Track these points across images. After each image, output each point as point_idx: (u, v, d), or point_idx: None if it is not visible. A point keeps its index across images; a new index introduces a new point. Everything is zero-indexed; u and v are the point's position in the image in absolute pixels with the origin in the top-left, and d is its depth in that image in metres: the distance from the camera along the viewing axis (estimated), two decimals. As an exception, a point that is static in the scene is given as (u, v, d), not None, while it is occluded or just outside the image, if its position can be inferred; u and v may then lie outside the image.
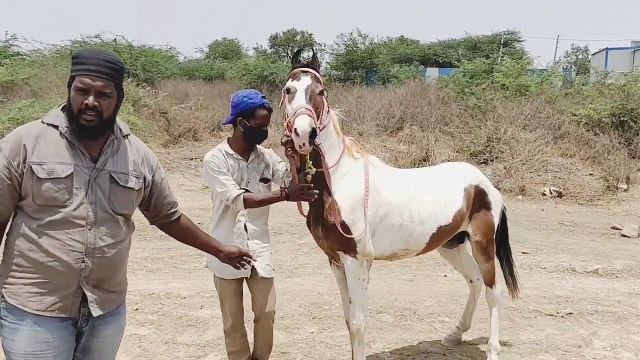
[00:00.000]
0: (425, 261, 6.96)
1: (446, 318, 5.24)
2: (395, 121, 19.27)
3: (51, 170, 2.25)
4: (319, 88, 3.37)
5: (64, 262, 2.27)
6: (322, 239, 3.62)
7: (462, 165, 4.53)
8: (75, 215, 2.28)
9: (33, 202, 2.25)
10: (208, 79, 32.58)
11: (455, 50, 39.16)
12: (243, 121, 3.57)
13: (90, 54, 2.34)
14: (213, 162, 3.52)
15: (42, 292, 2.28)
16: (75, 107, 2.29)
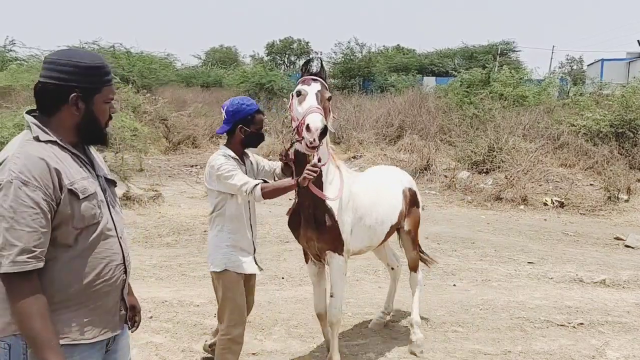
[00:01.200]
0: (433, 270, 6.97)
1: (459, 328, 5.25)
2: (394, 130, 19.37)
3: (84, 187, 2.11)
4: (328, 94, 3.61)
5: (113, 277, 2.21)
6: (313, 240, 3.87)
7: (396, 170, 5.10)
8: (108, 227, 2.21)
9: (72, 228, 2.08)
10: (205, 86, 32.65)
11: (451, 59, 39.41)
12: (243, 128, 3.68)
13: (102, 63, 2.18)
14: (228, 163, 3.57)
15: (93, 319, 2.16)
16: (104, 119, 2.22)
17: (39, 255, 1.98)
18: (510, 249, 8.20)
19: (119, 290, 2.27)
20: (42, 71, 2.12)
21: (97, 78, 2.16)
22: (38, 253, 1.98)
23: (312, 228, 3.83)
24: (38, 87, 2.12)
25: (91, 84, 2.14)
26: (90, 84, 2.14)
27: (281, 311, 5.43)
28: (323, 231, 3.80)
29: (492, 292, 6.25)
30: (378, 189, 4.35)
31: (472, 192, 11.95)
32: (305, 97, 3.49)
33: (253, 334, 4.93)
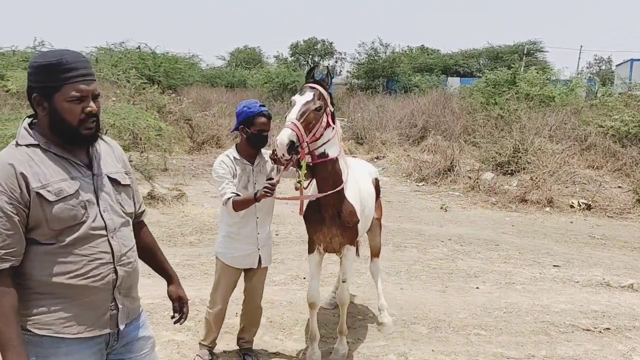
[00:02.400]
0: (456, 272, 6.92)
1: (482, 331, 5.18)
2: (417, 130, 19.25)
3: (59, 190, 2.10)
4: (317, 105, 3.64)
5: (97, 276, 2.18)
6: (337, 236, 4.09)
7: (363, 162, 5.34)
8: (95, 227, 2.18)
9: (49, 230, 2.10)
10: (230, 86, 32.85)
11: (476, 60, 39.11)
12: (245, 129, 3.95)
13: (73, 57, 2.13)
14: (220, 169, 3.92)
15: (77, 314, 2.17)
16: (73, 119, 2.13)
17: (3, 257, 2.04)
18: (535, 251, 8.08)
19: (109, 289, 2.24)
20: None
21: (53, 76, 2.09)
22: (2, 254, 2.03)
23: (337, 225, 4.03)
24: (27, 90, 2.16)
25: (48, 82, 2.09)
26: (47, 83, 2.10)
27: (302, 311, 5.41)
28: (348, 228, 4.06)
29: (516, 295, 6.16)
30: (364, 180, 4.58)
31: (496, 194, 11.81)
32: (292, 108, 3.66)
33: (274, 333, 4.94)
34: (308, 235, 4.30)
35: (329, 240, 4.16)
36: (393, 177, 14.43)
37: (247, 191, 3.95)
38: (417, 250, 7.83)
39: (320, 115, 3.69)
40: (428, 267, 7.11)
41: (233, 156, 4.00)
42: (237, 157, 4.00)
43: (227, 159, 3.98)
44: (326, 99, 3.74)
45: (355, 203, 4.08)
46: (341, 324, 4.54)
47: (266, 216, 4.14)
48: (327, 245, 4.22)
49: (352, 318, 5.35)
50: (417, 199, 11.95)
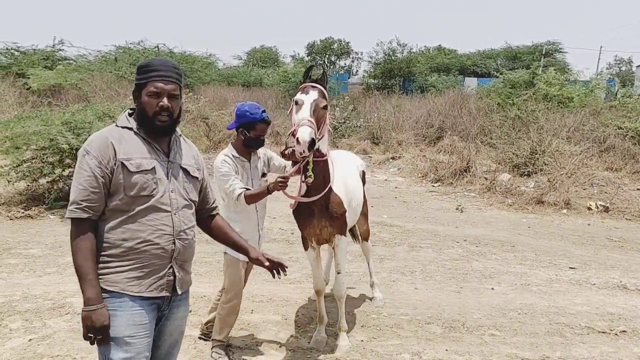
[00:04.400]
0: (471, 273, 6.91)
1: (496, 331, 5.18)
2: (434, 131, 19.18)
3: (139, 164, 2.52)
4: (323, 103, 3.84)
5: (159, 244, 2.55)
6: (326, 227, 4.27)
7: (350, 154, 5.59)
8: (162, 202, 2.56)
9: (124, 195, 2.49)
10: (246, 85, 32.95)
11: (494, 60, 38.83)
12: (244, 131, 4.12)
13: (159, 62, 2.61)
14: (224, 167, 4.06)
15: (140, 276, 2.53)
16: (150, 110, 2.57)
17: (84, 208, 2.46)
18: (551, 253, 8.04)
19: (168, 257, 2.59)
20: None
21: (143, 75, 2.58)
22: (84, 206, 2.45)
23: (326, 216, 4.22)
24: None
25: (139, 80, 2.59)
26: (139, 80, 2.59)
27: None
28: (335, 218, 4.25)
29: (532, 297, 6.14)
30: (350, 174, 4.75)
31: (512, 195, 11.75)
32: (301, 106, 3.79)
33: (289, 331, 4.98)
34: (300, 231, 4.49)
35: (318, 232, 4.35)
36: (409, 178, 14.43)
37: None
38: (433, 251, 7.83)
39: (325, 112, 3.89)
40: (443, 267, 7.11)
41: (232, 155, 4.16)
42: (237, 156, 4.17)
43: (228, 158, 4.13)
44: (327, 97, 3.92)
45: (341, 194, 4.27)
46: (340, 319, 4.71)
47: (264, 210, 4.37)
48: (318, 237, 4.42)
49: (367, 317, 5.37)
50: (433, 199, 11.93)
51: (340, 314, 4.73)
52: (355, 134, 20.17)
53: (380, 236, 8.47)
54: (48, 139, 9.09)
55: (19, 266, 6.42)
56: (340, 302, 4.71)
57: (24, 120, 9.90)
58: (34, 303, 5.31)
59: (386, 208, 10.81)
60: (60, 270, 6.32)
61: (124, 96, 17.02)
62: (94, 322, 2.43)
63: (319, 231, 4.35)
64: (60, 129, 9.20)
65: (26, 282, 5.90)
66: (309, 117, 3.68)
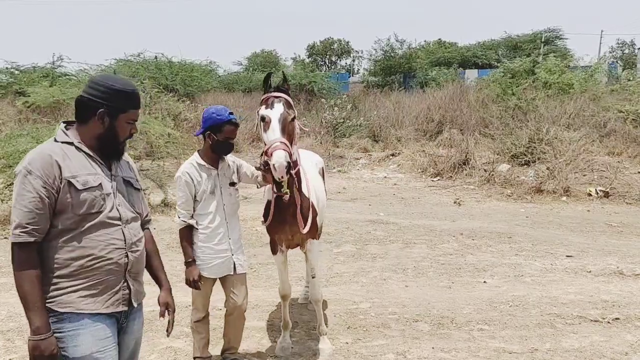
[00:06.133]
0: (464, 267, 6.81)
1: (485, 326, 5.08)
2: (434, 125, 19.04)
3: (85, 181, 2.46)
4: (291, 115, 3.66)
5: (112, 259, 2.51)
6: (298, 232, 4.10)
7: (309, 153, 5.28)
8: (111, 217, 2.52)
9: (73, 214, 2.42)
10: (247, 91, 32.97)
11: (495, 51, 38.57)
12: (212, 135, 3.89)
13: (133, 90, 2.58)
14: (181, 180, 3.91)
15: (94, 293, 2.48)
16: (123, 135, 2.60)
17: (31, 231, 2.37)
18: (548, 242, 7.91)
19: (122, 271, 2.56)
20: (84, 87, 2.55)
21: (125, 101, 2.55)
22: (30, 229, 2.36)
23: (298, 222, 4.03)
24: (77, 99, 2.54)
25: (118, 104, 2.53)
26: (117, 105, 2.53)
27: (303, 313, 5.38)
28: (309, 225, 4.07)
29: (524, 288, 6.03)
30: (314, 174, 4.62)
31: (511, 185, 11.62)
32: (269, 124, 3.60)
33: (273, 336, 4.91)
34: (269, 236, 4.36)
35: (290, 238, 4.24)
36: (408, 174, 14.32)
37: (214, 196, 3.95)
38: (427, 247, 7.73)
39: (294, 124, 3.70)
40: (436, 262, 7.01)
41: (197, 163, 3.96)
42: (202, 163, 3.96)
43: (192, 168, 3.94)
44: (292, 105, 3.73)
45: (311, 197, 4.13)
46: (319, 323, 4.61)
47: (235, 221, 4.10)
48: (289, 242, 4.31)
49: (354, 317, 5.29)
50: (432, 194, 11.83)
51: (318, 318, 4.63)
52: (356, 132, 20.08)
53: (374, 234, 8.39)
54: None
55: (7, 285, 6.40)
56: (318, 306, 4.60)
57: (14, 139, 9.92)
58: (17, 322, 5.27)
59: (383, 205, 10.72)
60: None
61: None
62: (43, 351, 2.36)
63: (290, 237, 4.22)
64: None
65: (12, 301, 5.86)
66: (281, 139, 3.50)
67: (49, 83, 25.87)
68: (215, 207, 3.95)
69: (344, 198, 11.57)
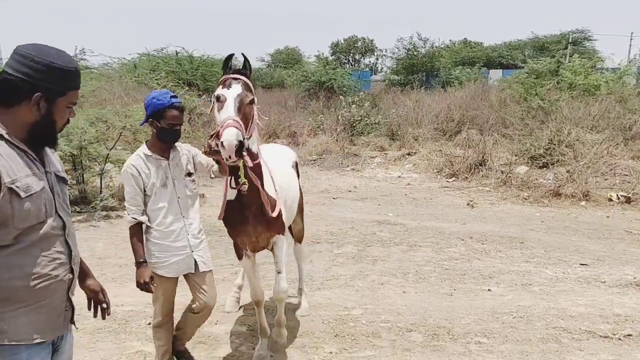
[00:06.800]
0: (469, 273, 6.41)
1: (484, 338, 4.70)
2: (454, 125, 18.59)
3: (27, 186, 1.99)
4: (249, 97, 3.36)
5: (57, 277, 2.10)
6: (263, 233, 3.87)
7: (280, 147, 5.10)
8: (54, 226, 2.10)
9: (13, 229, 1.95)
10: (268, 87, 32.83)
11: (521, 51, 37.82)
12: (155, 122, 3.57)
13: (75, 67, 2.08)
14: (127, 174, 3.57)
15: (36, 319, 2.06)
16: (61, 122, 2.12)
17: None
18: (563, 249, 7.47)
19: (65, 289, 2.17)
20: (10, 61, 2.02)
21: (66, 82, 2.06)
22: None
23: (262, 222, 3.80)
24: (2, 77, 2.01)
25: (58, 86, 2.05)
26: (57, 87, 2.05)
27: (289, 318, 5.05)
28: (272, 222, 3.83)
29: (531, 298, 5.63)
30: (282, 169, 4.34)
31: (529, 188, 11.14)
32: (224, 104, 3.30)
33: (252, 342, 4.60)
34: (232, 239, 4.04)
35: (254, 240, 3.93)
36: (423, 174, 13.89)
37: (167, 189, 3.62)
38: (432, 250, 7.35)
39: (252, 107, 3.39)
40: (440, 267, 6.63)
41: (144, 154, 3.62)
42: (149, 154, 3.61)
43: (138, 160, 3.60)
44: (252, 89, 3.43)
45: (274, 195, 3.83)
46: (279, 314, 4.44)
47: (193, 214, 3.76)
48: (253, 245, 3.98)
49: (343, 324, 4.95)
50: (444, 195, 11.41)
51: (279, 312, 4.45)
52: (374, 131, 19.70)
53: (379, 236, 8.03)
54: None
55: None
56: (280, 305, 4.36)
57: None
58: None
59: (393, 206, 10.35)
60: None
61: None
62: None
63: (254, 239, 3.91)
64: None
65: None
66: (234, 117, 3.19)
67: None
68: (168, 201, 3.61)
69: (353, 197, 11.22)
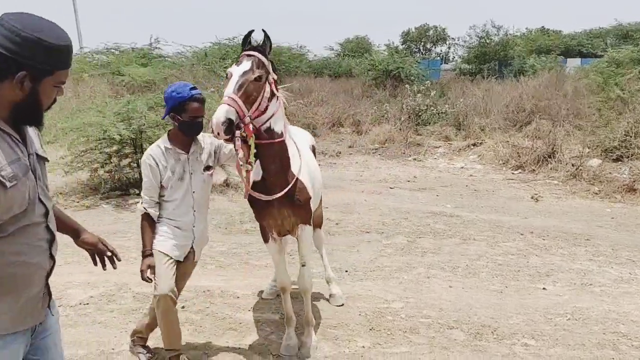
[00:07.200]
0: (524, 269, 6.01)
1: (532, 340, 4.34)
2: (525, 115, 17.79)
3: (12, 174, 1.86)
4: (256, 74, 3.23)
5: (37, 264, 2.01)
6: (289, 217, 3.75)
7: (300, 130, 4.82)
8: (38, 214, 2.00)
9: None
10: (336, 75, 32.66)
11: (602, 39, 35.79)
12: (176, 116, 3.51)
13: (66, 43, 1.89)
14: (145, 164, 3.56)
15: (16, 308, 1.98)
16: (47, 102, 1.96)
17: None
18: (632, 247, 6.89)
19: (44, 276, 2.07)
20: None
21: (56, 60, 1.89)
22: None
23: (287, 205, 3.68)
24: None
25: (46, 65, 1.87)
26: (45, 65, 1.87)
27: (324, 308, 4.87)
28: (299, 207, 3.71)
29: (590, 299, 5.18)
30: (309, 152, 4.24)
31: (600, 182, 10.42)
32: (229, 81, 3.24)
33: (282, 331, 4.43)
34: (258, 222, 3.94)
35: (280, 223, 3.81)
36: (488, 165, 13.33)
37: (183, 182, 3.59)
38: (486, 244, 6.95)
39: (262, 85, 3.26)
40: (493, 262, 6.25)
41: (164, 147, 3.58)
42: (169, 147, 3.57)
43: (158, 151, 3.57)
44: (267, 66, 3.31)
45: (304, 178, 3.71)
46: (307, 313, 4.23)
47: (204, 208, 3.77)
48: (279, 228, 3.87)
49: (381, 318, 4.72)
50: (508, 187, 10.86)
51: (306, 309, 4.22)
52: (441, 120, 19.17)
53: (432, 227, 7.70)
54: (102, 130, 9.15)
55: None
56: (307, 297, 4.20)
57: (82, 113, 10.08)
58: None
59: (452, 197, 9.93)
60: (81, 260, 6.17)
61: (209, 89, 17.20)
62: None
63: (280, 222, 3.81)
64: (112, 119, 9.25)
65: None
66: (232, 94, 3.13)
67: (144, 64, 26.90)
68: (182, 194, 3.60)
69: (411, 187, 10.87)
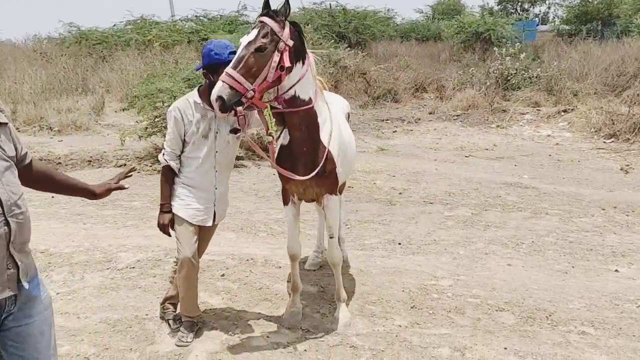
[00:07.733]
0: (597, 249, 5.47)
1: (590, 328, 3.90)
2: (625, 79, 16.37)
3: None
4: (258, 44, 3.07)
5: None
6: (311, 187, 3.62)
7: (338, 97, 4.56)
8: None
9: None
10: (424, 39, 31.69)
11: None
12: (208, 75, 3.43)
13: None
14: (170, 115, 3.49)
15: None
16: None
17: None
18: None
19: (3, 245, 1.95)
20: None
21: None
22: None
23: (311, 173, 3.50)
24: None
25: None
26: None
27: (366, 283, 4.62)
28: (324, 177, 3.56)
29: (669, 285, 4.62)
30: (343, 119, 4.04)
31: None
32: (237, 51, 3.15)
33: (318, 304, 4.26)
34: (281, 183, 3.82)
35: (302, 191, 3.73)
36: (578, 133, 12.37)
37: (207, 140, 3.50)
38: (559, 219, 6.39)
39: (266, 55, 3.10)
40: (563, 239, 5.74)
41: (194, 100, 3.49)
42: (198, 102, 3.48)
43: (185, 104, 3.49)
44: (277, 33, 3.13)
45: (333, 148, 3.53)
46: (338, 288, 4.06)
47: (226, 170, 3.69)
48: (301, 195, 3.79)
49: (425, 295, 4.41)
50: (596, 158, 10.01)
51: (337, 283, 4.05)
52: (532, 85, 18.04)
53: (503, 199, 7.20)
54: (172, 96, 9.26)
55: (108, 217, 6.54)
56: (336, 270, 4.02)
57: (155, 78, 10.26)
58: (90, 255, 5.25)
59: (531, 167, 9.28)
60: (138, 224, 6.28)
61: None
62: None
63: (302, 190, 3.69)
64: (180, 85, 9.33)
65: (101, 234, 5.93)
66: (229, 70, 3.04)
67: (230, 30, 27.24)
68: (205, 153, 3.51)
69: (488, 156, 10.27)
